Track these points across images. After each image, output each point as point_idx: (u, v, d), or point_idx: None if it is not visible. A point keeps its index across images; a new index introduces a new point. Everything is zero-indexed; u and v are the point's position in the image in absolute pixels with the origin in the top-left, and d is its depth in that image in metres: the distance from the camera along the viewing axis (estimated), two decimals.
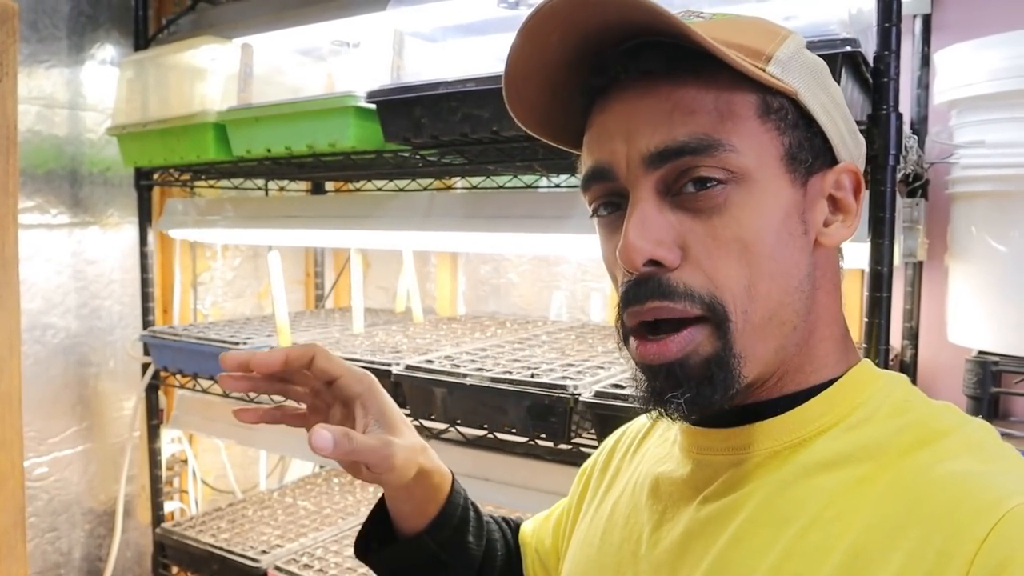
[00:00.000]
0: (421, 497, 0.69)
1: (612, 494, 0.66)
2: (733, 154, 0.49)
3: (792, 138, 0.52)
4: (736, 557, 0.50)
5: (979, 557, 0.41)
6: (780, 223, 0.51)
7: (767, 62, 0.51)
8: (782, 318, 0.51)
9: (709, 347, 0.50)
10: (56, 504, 1.80)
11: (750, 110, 0.51)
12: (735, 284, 0.50)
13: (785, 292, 0.51)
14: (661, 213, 0.51)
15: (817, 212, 0.53)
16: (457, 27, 1.39)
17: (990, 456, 0.48)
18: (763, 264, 0.50)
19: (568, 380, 1.18)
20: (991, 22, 1.36)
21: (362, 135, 1.34)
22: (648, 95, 0.51)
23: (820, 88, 0.53)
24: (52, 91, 1.76)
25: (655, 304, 0.50)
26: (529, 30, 0.51)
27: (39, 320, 1.75)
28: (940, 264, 1.38)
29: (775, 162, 0.51)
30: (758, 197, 0.50)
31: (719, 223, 0.50)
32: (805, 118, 0.53)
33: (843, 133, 0.55)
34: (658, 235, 0.50)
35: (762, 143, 0.51)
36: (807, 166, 0.53)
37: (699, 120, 0.50)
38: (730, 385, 0.50)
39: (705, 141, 0.49)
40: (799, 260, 0.52)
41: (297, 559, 1.52)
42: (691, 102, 0.50)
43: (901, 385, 0.54)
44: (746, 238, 0.50)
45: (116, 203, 1.90)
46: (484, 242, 1.64)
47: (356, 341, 1.60)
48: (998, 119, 1.20)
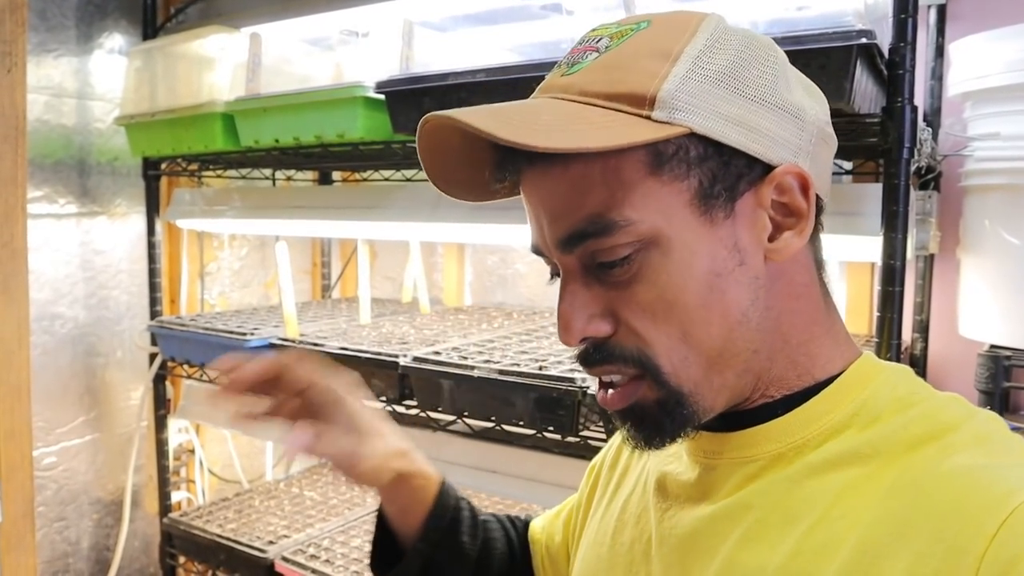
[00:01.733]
0: (406, 499, 0.72)
1: (622, 492, 0.66)
2: (631, 227, 0.49)
3: (702, 176, 0.49)
4: (745, 557, 0.50)
5: (989, 553, 0.40)
6: (704, 269, 0.49)
7: (651, 106, 0.48)
8: (732, 351, 0.51)
9: (652, 394, 0.52)
10: (64, 494, 1.81)
11: (640, 171, 0.49)
12: (667, 339, 0.50)
13: (727, 329, 0.50)
14: (588, 288, 0.52)
15: (757, 231, 0.51)
16: (467, 16, 1.38)
17: (998, 449, 0.47)
18: (692, 314, 0.50)
19: (576, 373, 1.18)
20: (1006, 13, 1.34)
21: (371, 126, 1.33)
22: (545, 180, 0.51)
23: (730, 96, 0.49)
24: (60, 80, 1.76)
25: (598, 369, 0.53)
26: (427, 148, 0.55)
27: (47, 310, 1.75)
28: (952, 257, 1.37)
29: (683, 211, 0.49)
30: (671, 255, 0.49)
31: (639, 290, 0.50)
32: (714, 144, 0.49)
33: (772, 133, 0.50)
34: (588, 311, 0.52)
35: (662, 199, 0.49)
36: (728, 195, 0.50)
37: (591, 201, 0.49)
38: (686, 421, 0.52)
39: (599, 223, 0.49)
40: (736, 295, 0.50)
41: (304, 549, 1.53)
42: (580, 182, 0.49)
43: (905, 377, 0.53)
44: (667, 298, 0.50)
45: (124, 193, 1.89)
46: (493, 234, 1.63)
47: (363, 332, 1.60)
48: (1013, 111, 1.19)
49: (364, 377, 1.39)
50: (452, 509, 0.72)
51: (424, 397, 1.33)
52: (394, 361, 1.34)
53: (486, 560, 0.75)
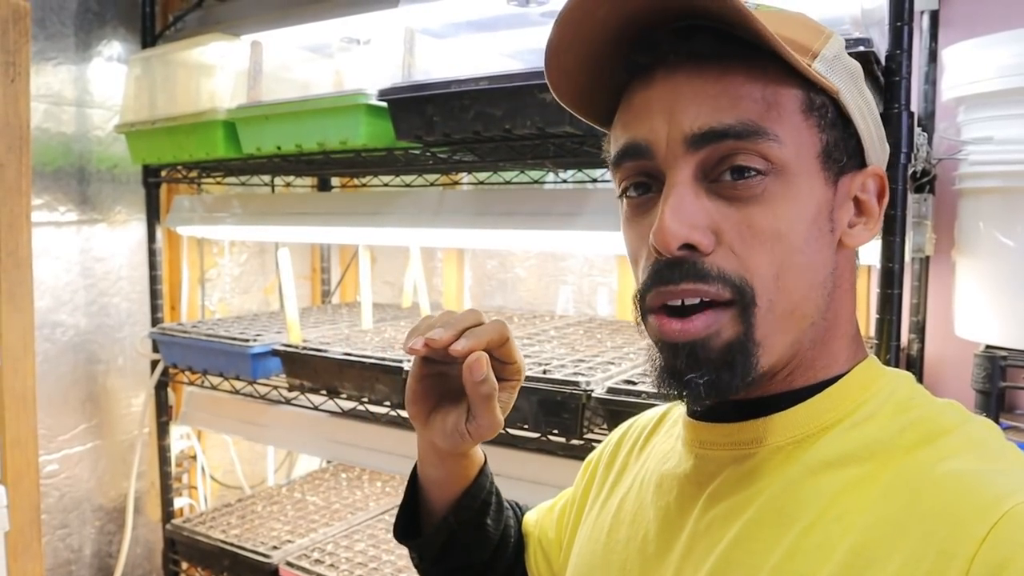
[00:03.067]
0: (453, 471, 0.70)
1: (619, 490, 0.66)
2: (776, 144, 0.50)
3: (830, 136, 0.52)
4: (740, 557, 0.51)
5: (979, 556, 0.41)
6: (812, 219, 0.51)
7: (813, 59, 0.51)
8: (803, 311, 0.51)
9: (731, 331, 0.50)
10: (67, 501, 1.81)
11: (795, 104, 0.51)
12: (765, 272, 0.50)
13: (810, 287, 0.51)
14: (697, 198, 0.50)
15: (844, 212, 0.54)
16: (468, 23, 1.39)
17: (991, 454, 0.48)
18: (793, 256, 0.50)
19: (580, 376, 1.19)
20: (998, 18, 1.36)
21: (373, 133, 1.35)
22: (696, 77, 0.51)
23: (858, 91, 0.54)
24: (60, 88, 1.76)
25: (689, 286, 0.50)
26: (576, 3, 0.51)
27: (48, 318, 1.75)
28: (947, 259, 1.38)
29: (812, 158, 0.51)
30: (794, 190, 0.50)
31: (755, 212, 0.50)
32: (843, 119, 0.53)
33: (874, 138, 0.56)
34: (694, 219, 0.50)
35: (803, 138, 0.51)
36: (840, 166, 0.53)
37: (746, 106, 0.50)
38: (748, 371, 0.50)
39: (750, 128, 0.49)
40: (825, 257, 0.52)
41: (308, 554, 1.53)
42: (739, 88, 0.50)
43: (905, 383, 0.55)
44: (780, 229, 0.50)
45: (124, 200, 1.90)
46: (494, 239, 1.64)
47: (366, 337, 1.61)
48: (1006, 115, 1.21)
49: (368, 382, 1.41)
50: (486, 492, 0.72)
51: None
52: (398, 366, 1.35)
53: (503, 548, 0.75)
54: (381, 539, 1.61)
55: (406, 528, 0.73)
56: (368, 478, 2.02)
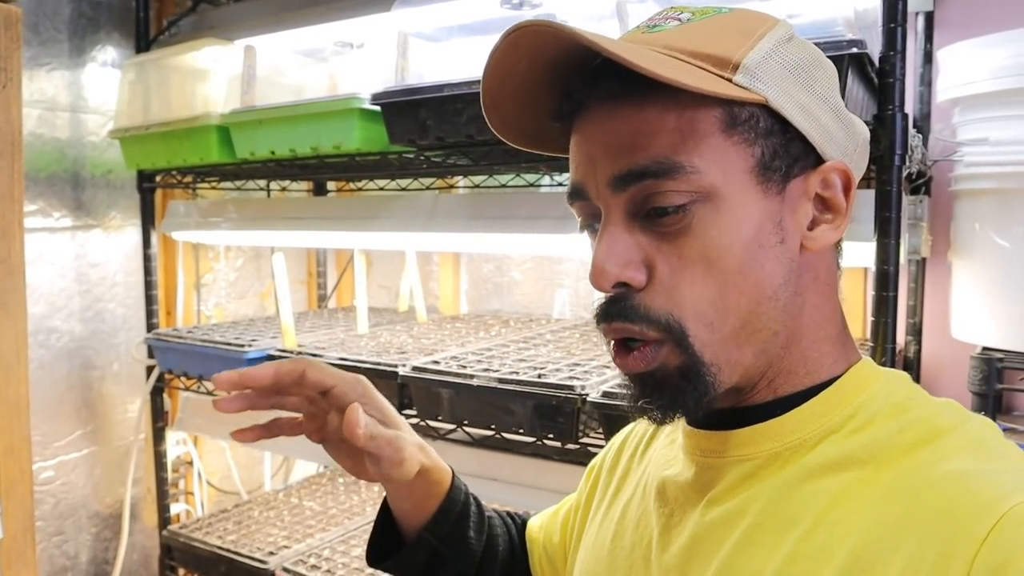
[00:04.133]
0: (421, 494, 0.71)
1: (622, 496, 0.66)
2: (695, 175, 0.50)
3: (765, 147, 0.51)
4: (741, 562, 0.51)
5: (979, 557, 0.41)
6: (750, 236, 0.51)
7: (734, 71, 0.50)
8: (756, 326, 0.51)
9: (675, 359, 0.51)
10: (62, 508, 1.80)
11: (714, 126, 0.50)
12: (698, 302, 0.50)
13: (756, 302, 0.51)
14: (631, 234, 0.52)
15: (799, 216, 0.53)
16: (461, 27, 1.38)
17: (990, 454, 0.48)
18: (729, 279, 0.50)
19: (575, 380, 1.19)
20: (993, 19, 1.36)
21: (367, 137, 1.34)
22: (612, 118, 0.52)
23: (801, 86, 0.52)
24: (54, 94, 1.76)
25: (618, 325, 0.52)
26: (496, 63, 0.53)
27: (43, 324, 1.75)
28: (943, 260, 1.38)
29: (743, 175, 0.51)
30: (724, 214, 0.50)
31: (684, 243, 0.50)
32: (781, 122, 0.51)
33: (830, 130, 0.53)
34: (626, 257, 0.51)
35: (728, 158, 0.50)
36: (783, 172, 0.52)
37: (660, 142, 0.50)
38: (704, 391, 0.51)
39: (665, 164, 0.50)
40: (772, 269, 0.51)
41: (304, 560, 1.53)
42: (653, 124, 0.50)
43: (902, 383, 0.54)
44: (710, 256, 0.50)
45: (118, 205, 1.89)
46: (489, 243, 1.64)
47: (361, 342, 1.60)
48: (1001, 117, 1.21)
49: None
50: (461, 504, 0.73)
51: (424, 406, 1.33)
52: (393, 371, 1.34)
53: (490, 558, 0.75)
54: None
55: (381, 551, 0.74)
56: (365, 483, 2.01)
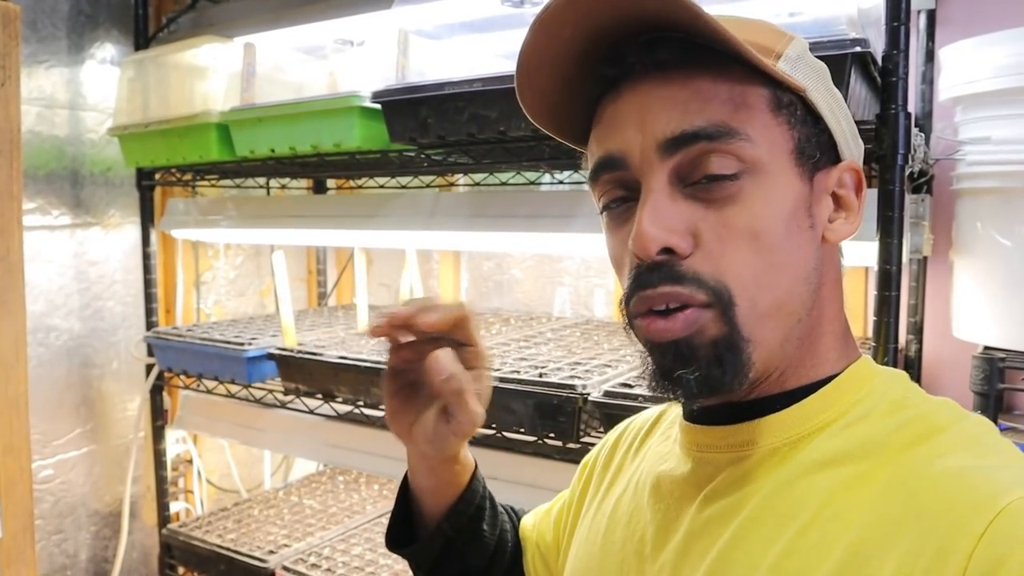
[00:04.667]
0: (444, 478, 0.69)
1: (614, 492, 0.66)
2: (748, 143, 0.50)
3: (801, 133, 0.53)
4: (737, 556, 0.51)
5: (977, 553, 0.41)
6: (790, 215, 0.51)
7: (777, 59, 0.52)
8: (789, 308, 0.52)
9: (715, 329, 0.50)
10: (62, 506, 1.80)
11: (762, 103, 0.52)
12: (744, 272, 0.50)
13: (793, 282, 0.52)
14: (674, 202, 0.51)
15: (822, 207, 0.54)
16: (462, 24, 1.38)
17: (987, 451, 0.48)
18: (772, 254, 0.51)
19: (576, 379, 1.18)
20: (995, 18, 1.36)
21: (367, 135, 1.34)
22: (663, 85, 0.52)
23: (825, 89, 0.55)
24: (52, 91, 1.75)
25: (666, 289, 0.50)
26: (543, 22, 0.52)
27: (42, 322, 1.74)
28: (945, 259, 1.38)
29: (786, 155, 0.52)
30: (769, 188, 0.51)
31: (731, 212, 0.50)
32: (812, 116, 0.54)
33: (846, 133, 0.56)
34: (671, 224, 0.50)
35: (774, 136, 0.52)
36: (814, 162, 0.54)
37: (715, 108, 0.50)
38: (740, 367, 0.50)
39: (722, 128, 0.50)
40: (807, 252, 0.53)
41: (304, 559, 1.53)
42: (706, 92, 0.51)
43: (900, 382, 0.55)
44: (757, 227, 0.50)
45: (118, 203, 1.89)
46: (489, 241, 1.63)
47: (361, 340, 1.60)
48: (1003, 115, 1.20)
49: (364, 385, 1.40)
50: (480, 497, 0.72)
51: None
52: None
53: (500, 553, 0.75)
54: (378, 543, 1.60)
55: (398, 536, 0.73)
56: (365, 481, 2.01)
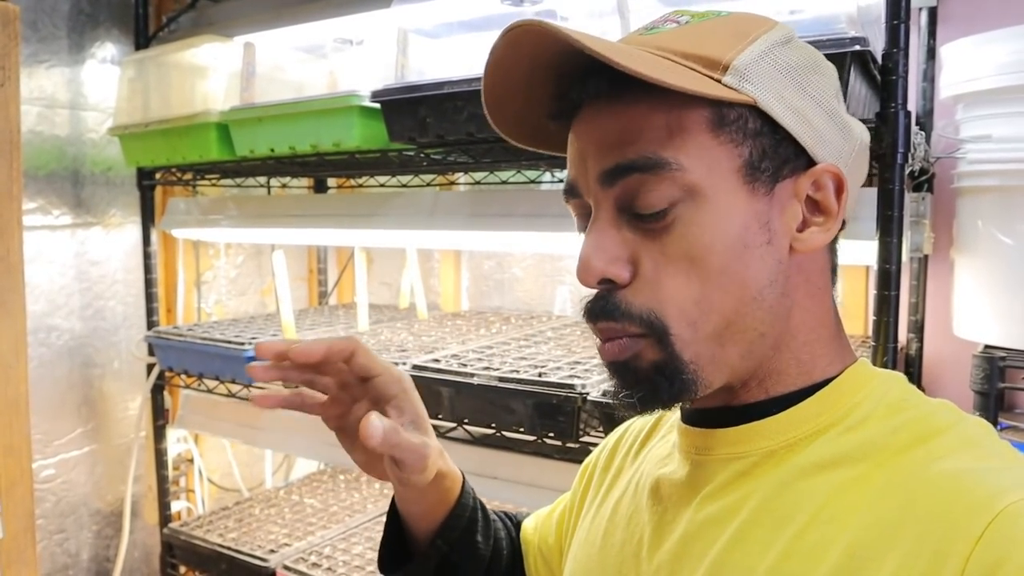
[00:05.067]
0: (433, 499, 0.69)
1: (614, 494, 0.66)
2: (679, 172, 0.50)
3: (753, 147, 0.52)
4: (734, 558, 0.51)
5: (974, 555, 0.41)
6: (735, 237, 0.51)
7: (723, 71, 0.51)
8: (740, 326, 0.51)
9: (652, 355, 0.52)
10: (63, 506, 1.80)
11: (701, 125, 0.51)
12: (681, 299, 0.51)
13: (741, 302, 0.51)
14: (618, 230, 0.52)
15: (787, 218, 0.53)
16: (461, 23, 1.38)
17: (986, 453, 0.48)
18: (712, 278, 0.51)
19: (576, 379, 1.18)
20: (997, 15, 1.35)
21: (367, 134, 1.34)
22: (603, 116, 0.53)
23: (794, 88, 0.52)
24: (53, 91, 1.75)
25: (602, 324, 0.53)
26: (496, 61, 0.54)
27: (43, 322, 1.75)
28: (946, 258, 1.37)
29: (730, 175, 0.51)
30: (708, 213, 0.51)
31: (668, 241, 0.51)
32: (771, 124, 0.52)
33: (823, 133, 0.53)
34: (612, 253, 0.52)
35: (714, 157, 0.51)
36: (772, 173, 0.52)
37: (647, 139, 0.51)
38: (684, 387, 0.52)
39: (651, 160, 0.50)
40: (757, 270, 0.51)
41: (305, 558, 1.53)
42: (641, 121, 0.51)
43: (898, 384, 0.54)
44: (694, 255, 0.51)
45: (118, 203, 1.89)
46: (490, 240, 1.63)
47: (362, 339, 1.59)
48: (1005, 113, 1.19)
49: None
50: (471, 510, 0.72)
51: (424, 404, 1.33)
52: None
53: (496, 562, 0.75)
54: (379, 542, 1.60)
55: (390, 558, 0.73)
56: (366, 480, 2.01)
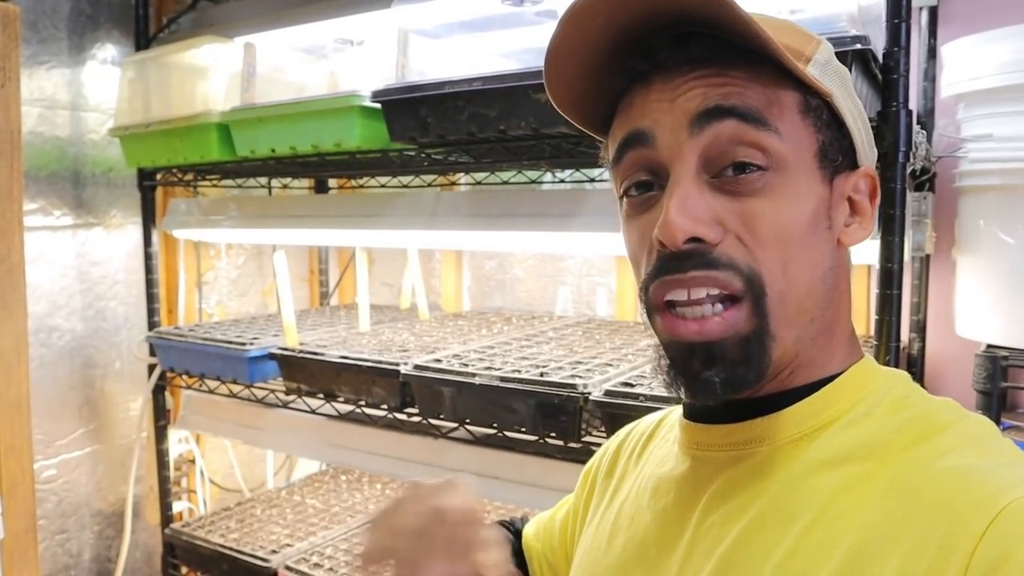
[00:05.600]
0: None
1: (618, 497, 0.66)
2: (776, 137, 0.51)
3: (825, 137, 0.53)
4: (741, 557, 0.51)
5: (978, 551, 0.41)
6: (811, 215, 0.52)
7: (807, 63, 0.53)
8: (806, 306, 0.52)
9: (747, 326, 0.50)
10: (65, 506, 1.80)
11: (793, 104, 0.52)
12: (772, 264, 0.50)
13: (812, 281, 0.52)
14: (701, 193, 0.51)
15: (840, 211, 0.55)
16: (461, 24, 1.38)
17: (989, 450, 0.48)
18: (795, 250, 0.51)
19: (577, 379, 1.18)
20: (997, 15, 1.35)
21: (367, 134, 1.34)
22: (696, 76, 0.51)
23: (847, 95, 0.55)
24: (53, 92, 1.75)
25: (698, 274, 0.50)
26: (575, 13, 0.51)
27: (44, 323, 1.75)
28: (948, 257, 1.37)
29: (810, 157, 0.52)
30: (793, 187, 0.51)
31: (757, 206, 0.50)
32: (835, 121, 0.54)
33: (864, 140, 0.57)
34: (699, 213, 0.50)
35: (801, 136, 0.52)
36: (835, 166, 0.54)
37: (750, 96, 0.51)
38: (763, 365, 0.50)
39: (754, 113, 0.50)
40: (825, 253, 0.53)
41: (307, 558, 1.53)
42: (741, 85, 0.51)
43: (902, 382, 0.55)
44: (782, 222, 0.51)
45: (119, 204, 1.89)
46: (491, 241, 1.63)
47: (363, 340, 1.60)
48: (1006, 112, 1.19)
49: (365, 385, 1.40)
50: None
51: (425, 405, 1.33)
52: (395, 369, 1.34)
53: None
54: None
55: None
56: (368, 481, 2.01)
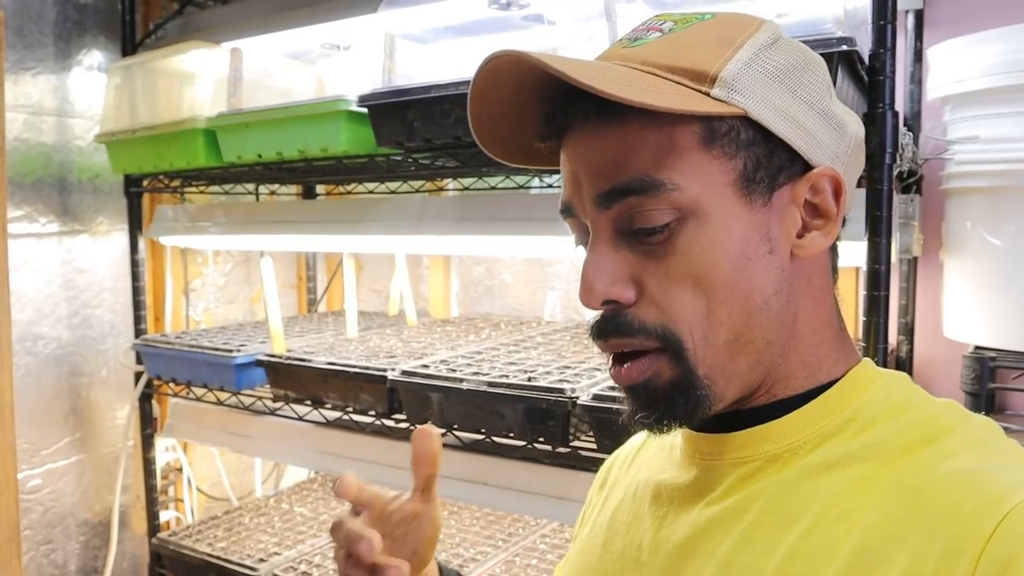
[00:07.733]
0: None
1: (611, 503, 0.66)
2: (675, 192, 0.50)
3: (747, 159, 0.51)
4: (742, 559, 0.50)
5: (986, 553, 0.41)
6: (736, 250, 0.50)
7: (711, 84, 0.50)
8: (748, 337, 0.51)
9: (669, 372, 0.52)
10: (51, 516, 1.78)
11: (693, 141, 0.50)
12: (690, 314, 0.51)
13: (747, 314, 0.51)
14: (617, 251, 0.52)
15: (787, 225, 0.52)
16: (448, 28, 1.37)
17: (993, 452, 0.48)
18: (718, 293, 0.50)
19: (565, 383, 1.18)
20: (983, 17, 1.36)
21: (354, 139, 1.33)
22: (594, 138, 0.52)
23: (785, 92, 0.51)
24: (39, 98, 1.74)
25: (615, 341, 0.53)
26: (480, 89, 0.54)
27: (30, 331, 1.73)
28: (935, 259, 1.38)
29: (725, 189, 0.51)
30: (707, 230, 0.50)
31: (671, 261, 0.51)
32: (763, 132, 0.51)
33: (817, 135, 0.52)
34: (613, 274, 0.52)
35: (709, 173, 0.50)
36: (768, 183, 0.52)
37: (640, 160, 0.50)
38: (700, 403, 0.52)
39: (646, 182, 0.50)
40: (761, 281, 0.51)
41: (295, 567, 1.51)
42: (633, 142, 0.50)
43: (902, 384, 0.54)
44: (697, 272, 0.50)
45: (106, 210, 1.88)
46: (478, 246, 1.63)
47: (351, 346, 1.59)
48: (992, 114, 1.20)
49: (352, 392, 1.39)
50: None
51: (413, 411, 1.32)
52: (382, 375, 1.33)
53: None
54: None
55: None
56: None
